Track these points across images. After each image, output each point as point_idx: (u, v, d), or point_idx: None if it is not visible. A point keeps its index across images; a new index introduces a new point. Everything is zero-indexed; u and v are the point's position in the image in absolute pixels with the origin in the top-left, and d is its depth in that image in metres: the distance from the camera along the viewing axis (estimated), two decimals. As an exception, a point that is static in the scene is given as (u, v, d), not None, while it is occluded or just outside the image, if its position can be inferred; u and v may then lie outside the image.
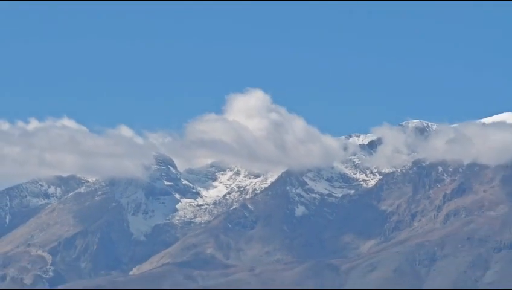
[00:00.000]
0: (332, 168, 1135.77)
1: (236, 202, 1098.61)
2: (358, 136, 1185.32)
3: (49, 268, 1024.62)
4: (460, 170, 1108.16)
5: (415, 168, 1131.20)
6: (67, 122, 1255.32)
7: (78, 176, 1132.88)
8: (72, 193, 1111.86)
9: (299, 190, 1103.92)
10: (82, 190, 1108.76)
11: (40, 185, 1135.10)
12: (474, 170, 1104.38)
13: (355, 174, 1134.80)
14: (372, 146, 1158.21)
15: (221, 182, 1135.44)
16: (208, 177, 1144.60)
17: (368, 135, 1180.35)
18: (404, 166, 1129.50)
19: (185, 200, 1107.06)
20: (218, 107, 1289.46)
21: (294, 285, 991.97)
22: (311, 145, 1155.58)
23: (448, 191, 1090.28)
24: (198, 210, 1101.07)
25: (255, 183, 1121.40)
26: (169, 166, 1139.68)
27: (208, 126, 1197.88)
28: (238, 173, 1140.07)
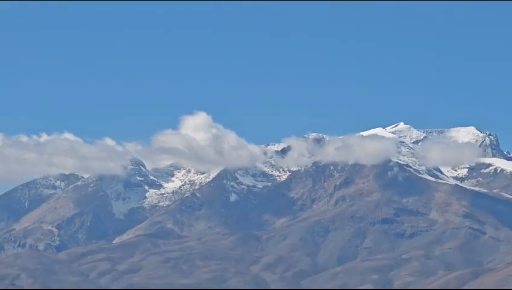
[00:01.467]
0: (256, 167, 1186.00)
1: (188, 191, 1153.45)
2: (274, 144, 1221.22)
3: (56, 238, 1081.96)
4: (346, 168, 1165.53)
5: (314, 167, 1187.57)
6: (68, 135, 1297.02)
7: (76, 173, 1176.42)
8: (72, 186, 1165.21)
9: (232, 183, 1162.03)
10: (79, 183, 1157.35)
11: (49, 180, 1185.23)
12: (356, 168, 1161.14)
13: (272, 171, 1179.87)
14: (284, 151, 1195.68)
15: (177, 178, 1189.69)
16: (168, 174, 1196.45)
17: (281, 143, 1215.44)
18: (306, 166, 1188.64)
19: (152, 190, 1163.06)
20: (174, 124, 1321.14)
21: (228, 250, 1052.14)
22: (240, 151, 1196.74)
23: (337, 183, 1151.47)
24: (161, 197, 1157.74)
25: (201, 178, 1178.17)
26: (140, 166, 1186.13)
27: (167, 138, 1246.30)
28: (189, 171, 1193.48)
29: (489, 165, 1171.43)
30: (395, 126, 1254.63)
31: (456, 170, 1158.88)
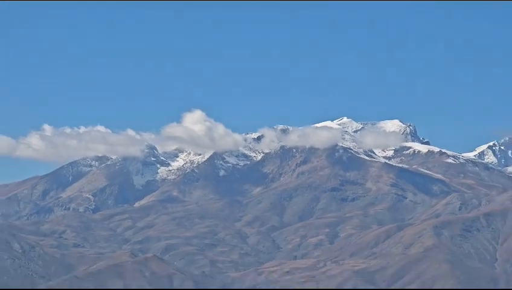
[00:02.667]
0: (238, 150, 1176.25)
1: (189, 168, 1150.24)
2: (251, 133, 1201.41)
3: (92, 203, 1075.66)
4: (305, 151, 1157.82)
5: (281, 150, 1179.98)
6: (100, 127, 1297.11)
7: (107, 155, 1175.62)
8: (103, 165, 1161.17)
9: (221, 162, 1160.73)
10: (109, 163, 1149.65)
11: (87, 160, 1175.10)
12: (312, 151, 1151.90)
13: (250, 153, 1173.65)
14: (258, 138, 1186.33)
15: (181, 158, 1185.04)
16: (174, 155, 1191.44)
17: (256, 132, 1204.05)
18: (275, 149, 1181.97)
19: (162, 168, 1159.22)
20: (178, 119, 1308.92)
21: (218, 211, 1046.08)
22: (227, 138, 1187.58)
23: (298, 162, 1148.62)
24: (169, 173, 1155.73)
25: (198, 159, 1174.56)
26: (153, 150, 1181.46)
27: (173, 129, 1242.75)
28: (189, 153, 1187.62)
29: (410, 148, 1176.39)
30: (340, 120, 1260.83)
31: (385, 151, 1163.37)
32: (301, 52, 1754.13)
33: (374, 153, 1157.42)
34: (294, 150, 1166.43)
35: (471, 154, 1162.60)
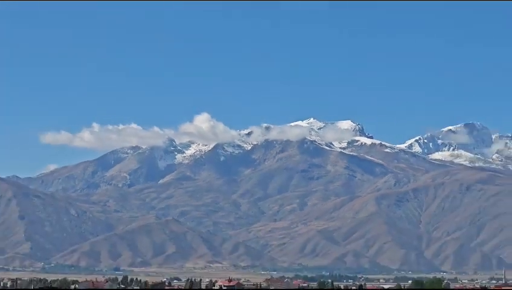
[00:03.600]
0: (234, 142, 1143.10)
1: (198, 155, 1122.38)
2: (244, 130, 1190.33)
3: (128, 180, 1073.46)
4: (282, 143, 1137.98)
5: (265, 142, 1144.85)
6: (133, 125, 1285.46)
7: (139, 146, 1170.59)
8: (136, 152, 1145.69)
9: (221, 151, 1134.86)
10: (140, 151, 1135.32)
11: (124, 149, 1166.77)
12: (288, 143, 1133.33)
13: (243, 144, 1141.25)
14: (249, 134, 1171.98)
15: (192, 148, 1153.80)
16: (187, 146, 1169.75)
17: (247, 129, 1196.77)
18: (261, 142, 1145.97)
19: (178, 155, 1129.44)
20: (191, 119, 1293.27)
21: (220, 186, 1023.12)
22: (226, 134, 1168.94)
23: (277, 151, 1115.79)
24: (183, 158, 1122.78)
25: (205, 148, 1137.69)
26: (173, 141, 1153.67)
27: (187, 127, 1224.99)
28: (198, 144, 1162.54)
29: (358, 141, 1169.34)
30: (308, 120, 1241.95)
31: (340, 143, 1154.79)
32: (283, 65, 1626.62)
33: (332, 144, 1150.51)
34: (274, 142, 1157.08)
35: (402, 146, 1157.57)
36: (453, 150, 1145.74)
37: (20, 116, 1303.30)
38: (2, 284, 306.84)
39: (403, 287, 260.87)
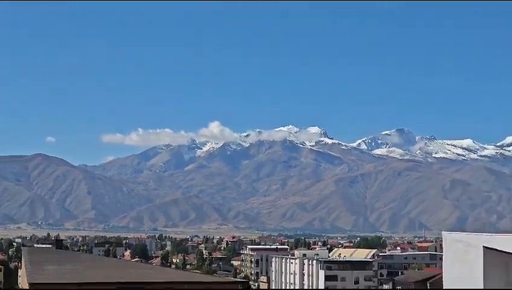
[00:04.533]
0: (237, 141, 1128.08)
1: (212, 151, 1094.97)
2: (243, 134, 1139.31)
3: (163, 168, 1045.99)
4: (269, 142, 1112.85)
5: (258, 142, 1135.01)
6: (167, 130, 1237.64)
7: (170, 144, 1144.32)
8: (168, 148, 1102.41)
9: (228, 148, 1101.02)
10: (171, 147, 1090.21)
11: (160, 146, 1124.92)
12: (273, 142, 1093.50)
13: (243, 143, 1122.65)
14: (247, 136, 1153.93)
15: (207, 146, 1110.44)
16: (204, 144, 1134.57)
17: (246, 132, 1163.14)
18: (256, 141, 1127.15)
19: (198, 150, 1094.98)
20: (206, 125, 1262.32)
21: (227, 172, 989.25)
22: (230, 136, 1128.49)
23: (266, 148, 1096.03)
24: (201, 153, 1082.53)
25: (216, 146, 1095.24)
26: (194, 141, 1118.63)
27: (203, 131, 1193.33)
28: (212, 143, 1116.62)
29: (323, 141, 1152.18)
30: (288, 126, 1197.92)
31: (310, 143, 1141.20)
32: (269, 78, 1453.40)
33: (304, 143, 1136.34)
34: (264, 142, 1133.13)
35: (354, 144, 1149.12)
36: (389, 147, 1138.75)
37: (87, 122, 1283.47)
38: (75, 240, 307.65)
39: (353, 242, 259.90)
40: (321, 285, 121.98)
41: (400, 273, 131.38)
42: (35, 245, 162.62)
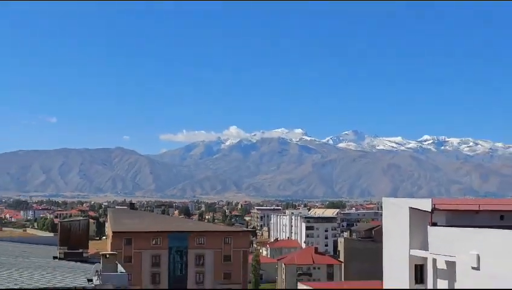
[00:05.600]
0: (248, 139, 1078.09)
1: (231, 145, 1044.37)
2: (252, 133, 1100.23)
3: (201, 155, 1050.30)
4: (269, 139, 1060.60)
5: (261, 140, 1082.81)
6: (202, 131, 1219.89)
7: (204, 140, 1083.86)
8: (203, 143, 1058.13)
9: (242, 143, 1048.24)
10: (205, 142, 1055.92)
11: (198, 142, 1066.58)
12: (272, 140, 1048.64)
13: (252, 140, 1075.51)
14: (254, 136, 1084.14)
15: (228, 141, 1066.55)
16: (225, 140, 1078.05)
17: (252, 133, 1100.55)
18: (260, 139, 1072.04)
19: (222, 144, 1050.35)
20: (228, 128, 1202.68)
21: (242, 158, 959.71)
22: (243, 135, 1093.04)
23: (268, 144, 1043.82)
24: (225, 146, 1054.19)
25: (235, 142, 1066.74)
26: (220, 138, 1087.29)
27: (225, 132, 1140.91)
28: (232, 140, 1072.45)
29: (304, 138, 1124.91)
30: (281, 128, 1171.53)
31: (296, 139, 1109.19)
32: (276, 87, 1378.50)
33: (292, 140, 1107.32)
34: (266, 140, 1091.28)
35: (324, 140, 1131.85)
36: (347, 142, 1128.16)
37: (149, 125, 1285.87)
38: (142, 203, 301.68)
39: (324, 204, 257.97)
40: (303, 232, 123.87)
41: (354, 224, 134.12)
42: (116, 207, 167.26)
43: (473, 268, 17.86)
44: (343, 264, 72.16)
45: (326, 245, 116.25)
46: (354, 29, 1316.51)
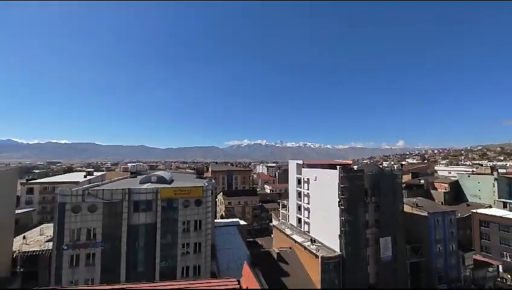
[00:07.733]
0: (257, 144, 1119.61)
1: (245, 147, 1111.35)
2: (257, 141, 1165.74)
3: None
4: (264, 145, 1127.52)
5: (263, 146, 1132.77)
6: (246, 141, 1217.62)
7: (240, 144, 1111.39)
8: (244, 146, 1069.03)
9: (252, 146, 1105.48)
10: (245, 145, 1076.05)
11: (243, 145, 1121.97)
12: (267, 146, 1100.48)
13: (263, 145, 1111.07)
14: (261, 143, 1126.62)
15: (243, 145, 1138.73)
16: (241, 144, 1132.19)
17: (257, 141, 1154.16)
18: (262, 145, 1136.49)
19: (240, 147, 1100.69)
20: (242, 140, 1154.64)
21: (255, 153, 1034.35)
22: (251, 143, 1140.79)
23: (264, 147, 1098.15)
24: (241, 147, 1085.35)
25: (245, 145, 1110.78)
26: (240, 143, 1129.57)
27: (239, 142, 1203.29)
28: (245, 145, 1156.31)
29: (283, 146, 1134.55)
30: (262, 140, 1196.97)
31: (291, 143, 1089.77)
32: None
33: (288, 146, 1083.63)
34: (270, 145, 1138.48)
35: (295, 144, 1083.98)
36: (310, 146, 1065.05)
37: (210, 135, 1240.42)
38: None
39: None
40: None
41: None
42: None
43: (314, 180, 40.99)
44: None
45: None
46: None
